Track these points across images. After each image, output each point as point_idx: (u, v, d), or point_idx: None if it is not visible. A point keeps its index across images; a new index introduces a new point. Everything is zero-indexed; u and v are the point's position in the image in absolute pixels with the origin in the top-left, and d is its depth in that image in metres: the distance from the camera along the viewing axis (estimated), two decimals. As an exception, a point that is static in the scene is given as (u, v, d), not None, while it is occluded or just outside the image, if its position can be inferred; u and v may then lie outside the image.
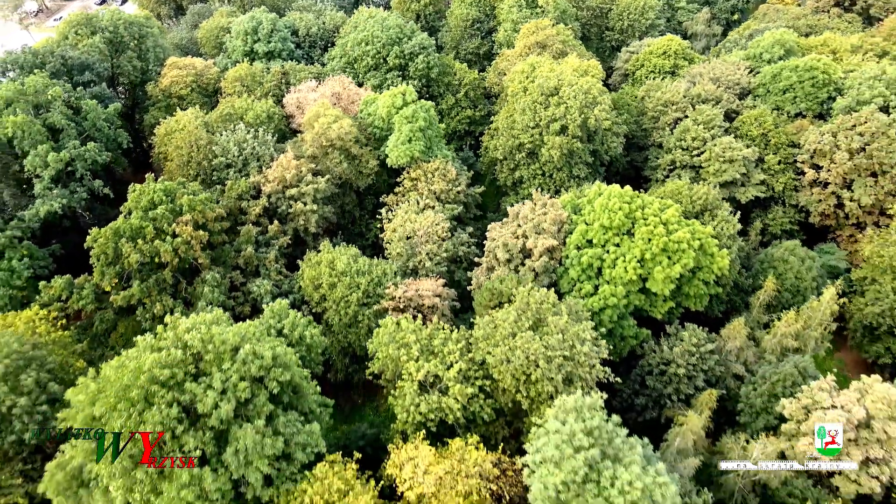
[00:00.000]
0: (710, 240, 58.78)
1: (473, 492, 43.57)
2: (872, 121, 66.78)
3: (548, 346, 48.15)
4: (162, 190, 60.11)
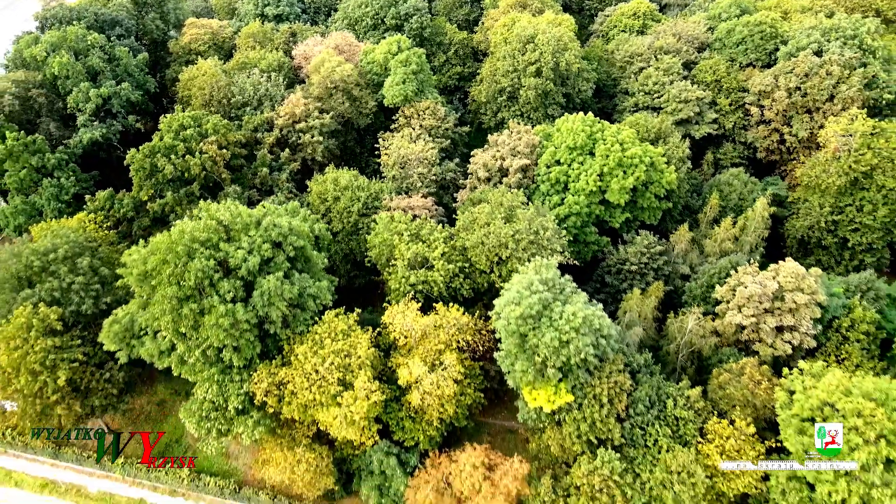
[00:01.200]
0: (659, 158, 68.66)
1: (452, 341, 53.47)
2: (805, 62, 76.56)
3: (516, 232, 58.07)
4: (190, 117, 70.02)
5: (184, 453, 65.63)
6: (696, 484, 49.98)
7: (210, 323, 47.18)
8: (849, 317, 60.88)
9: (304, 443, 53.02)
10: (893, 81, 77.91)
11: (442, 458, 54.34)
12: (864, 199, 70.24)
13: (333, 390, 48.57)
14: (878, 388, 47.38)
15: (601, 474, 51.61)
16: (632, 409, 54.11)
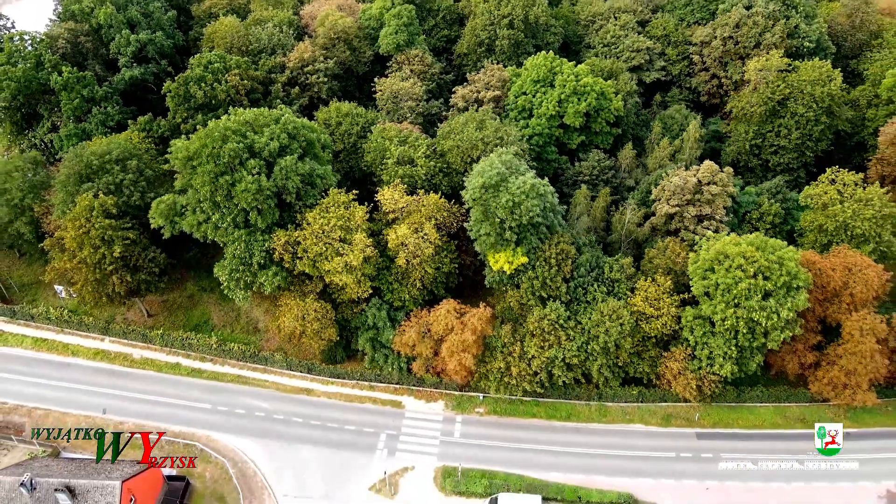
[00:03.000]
0: (608, 88, 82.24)
1: (430, 216, 66.86)
2: (736, 14, 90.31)
3: (485, 135, 71.62)
4: (216, 55, 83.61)
5: (210, 332, 78.86)
6: (623, 323, 63.22)
7: (240, 189, 60.46)
8: (758, 210, 74.33)
9: (312, 297, 66.29)
10: (813, 32, 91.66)
11: (423, 312, 67.66)
12: (781, 125, 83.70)
13: (336, 244, 61.96)
14: (758, 240, 60.89)
15: (549, 319, 64.97)
16: (575, 272, 67.46)
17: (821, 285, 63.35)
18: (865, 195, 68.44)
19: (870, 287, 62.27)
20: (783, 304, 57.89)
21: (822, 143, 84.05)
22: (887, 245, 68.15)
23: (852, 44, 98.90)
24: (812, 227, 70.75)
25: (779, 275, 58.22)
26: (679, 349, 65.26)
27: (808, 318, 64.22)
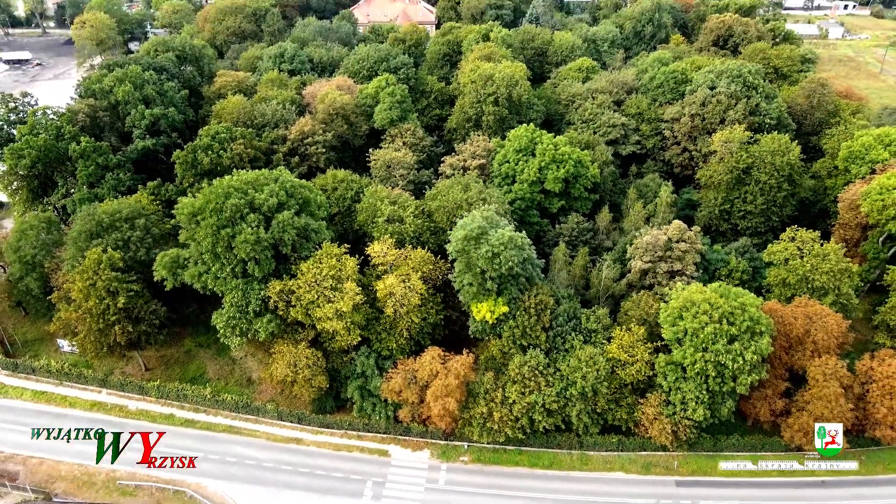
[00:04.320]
0: (585, 156, 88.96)
1: (417, 269, 71.40)
2: (702, 93, 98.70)
3: (469, 197, 77.38)
4: (223, 127, 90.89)
5: (204, 385, 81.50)
6: (600, 369, 66.46)
7: (240, 240, 65.19)
8: (727, 267, 79.11)
9: (304, 344, 69.71)
10: (773, 110, 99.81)
11: (409, 360, 70.83)
12: (747, 192, 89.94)
13: (328, 292, 66.11)
14: (721, 289, 65.32)
15: (530, 366, 68.22)
16: (554, 322, 71.27)
17: (784, 333, 67.04)
18: (823, 251, 73.45)
19: (831, 334, 65.98)
20: (748, 348, 61.37)
21: (786, 208, 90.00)
22: (847, 298, 72.50)
23: (812, 122, 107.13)
24: (777, 281, 75.27)
25: (742, 320, 62.10)
26: (654, 395, 68.04)
27: (776, 364, 67.47)
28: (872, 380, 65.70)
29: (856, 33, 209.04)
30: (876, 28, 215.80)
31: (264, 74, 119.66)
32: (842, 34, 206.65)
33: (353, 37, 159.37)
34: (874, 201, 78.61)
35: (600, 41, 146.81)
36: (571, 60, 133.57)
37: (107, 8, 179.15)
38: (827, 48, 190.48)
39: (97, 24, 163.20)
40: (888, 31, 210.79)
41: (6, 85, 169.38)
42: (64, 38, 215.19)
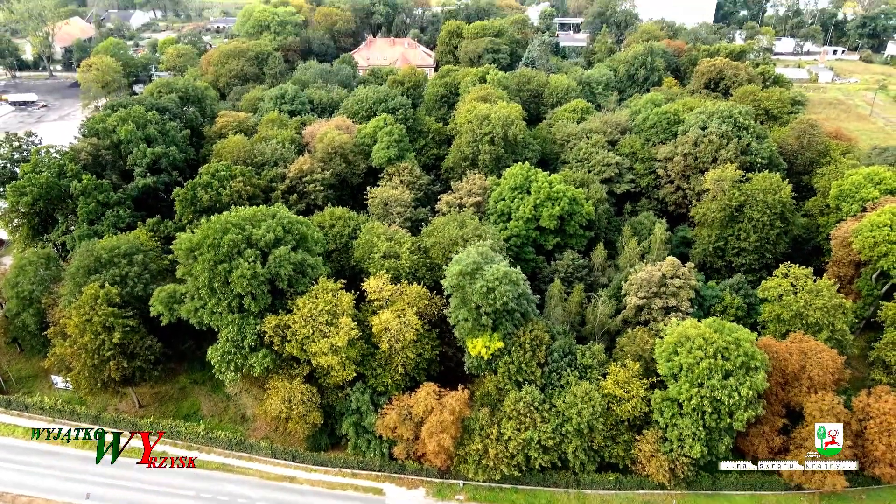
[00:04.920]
0: (579, 194, 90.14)
1: (412, 304, 71.70)
2: (694, 133, 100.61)
3: (465, 233, 78.18)
4: (223, 164, 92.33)
5: (198, 422, 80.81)
6: (595, 405, 66.14)
7: (237, 275, 65.66)
8: (722, 304, 79.42)
9: (299, 379, 69.44)
10: (764, 149, 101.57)
11: (404, 396, 70.49)
12: (740, 229, 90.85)
13: (323, 327, 66.24)
14: (715, 324, 65.53)
15: (525, 402, 67.89)
16: (550, 358, 71.19)
17: (780, 369, 66.98)
18: (816, 287, 73.90)
19: (826, 370, 65.90)
20: (743, 384, 61.26)
21: (779, 245, 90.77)
22: (841, 334, 72.66)
23: (803, 161, 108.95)
24: (771, 317, 75.51)
25: (736, 355, 62.15)
26: (651, 432, 67.52)
27: (772, 401, 67.19)
28: (870, 417, 65.29)
29: (845, 77, 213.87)
30: (865, 72, 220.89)
31: (265, 115, 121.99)
32: (831, 78, 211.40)
33: (353, 79, 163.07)
34: (865, 238, 79.49)
35: (595, 84, 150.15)
36: (566, 102, 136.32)
37: (113, 52, 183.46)
38: (817, 91, 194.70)
39: (103, 68, 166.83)
40: (877, 74, 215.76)
41: (12, 126, 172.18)
42: (70, 80, 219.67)
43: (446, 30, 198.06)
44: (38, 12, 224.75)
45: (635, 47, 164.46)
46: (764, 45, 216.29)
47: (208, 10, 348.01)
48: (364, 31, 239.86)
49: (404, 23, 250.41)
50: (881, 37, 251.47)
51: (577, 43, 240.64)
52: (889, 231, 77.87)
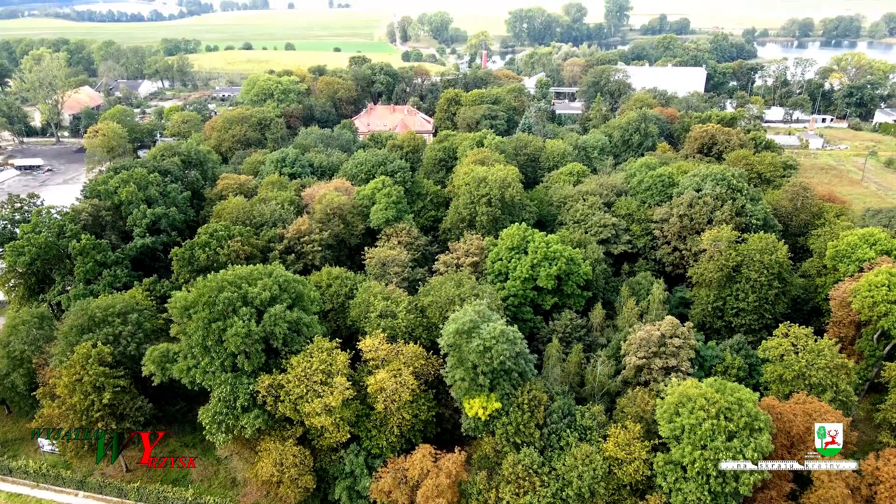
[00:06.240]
0: (577, 254, 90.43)
1: (409, 364, 70.68)
2: (688, 195, 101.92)
3: (462, 292, 77.91)
4: (222, 225, 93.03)
5: (187, 486, 78.17)
6: (596, 468, 64.15)
7: (231, 333, 65.00)
8: (722, 364, 78.38)
9: (291, 441, 67.58)
10: (759, 211, 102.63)
11: (400, 459, 68.45)
12: (738, 289, 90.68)
13: (317, 386, 65.01)
14: (717, 384, 64.38)
15: (524, 465, 65.89)
16: (548, 419, 69.55)
17: (785, 430, 65.25)
18: (817, 347, 73.05)
19: (832, 432, 64.16)
20: (747, 445, 59.52)
21: (778, 306, 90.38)
22: (845, 395, 71.29)
23: (797, 223, 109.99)
24: (773, 377, 74.28)
25: (739, 416, 60.64)
26: (654, 497, 65.10)
27: (778, 464, 65.11)
28: (879, 481, 63.10)
29: (835, 144, 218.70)
30: (854, 139, 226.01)
31: (265, 177, 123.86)
32: (822, 144, 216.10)
33: (353, 144, 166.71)
34: (864, 298, 79.17)
35: (590, 148, 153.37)
36: (563, 166, 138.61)
37: (119, 118, 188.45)
38: (808, 157, 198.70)
39: (109, 133, 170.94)
40: (866, 141, 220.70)
41: (16, 189, 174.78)
42: (77, 146, 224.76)
43: (445, 97, 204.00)
44: (49, 81, 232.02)
45: (629, 114, 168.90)
46: (754, 113, 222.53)
47: (214, 80, 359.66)
48: (365, 99, 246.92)
49: (404, 91, 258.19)
50: (868, 105, 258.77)
51: (573, 111, 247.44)
52: (887, 291, 77.68)
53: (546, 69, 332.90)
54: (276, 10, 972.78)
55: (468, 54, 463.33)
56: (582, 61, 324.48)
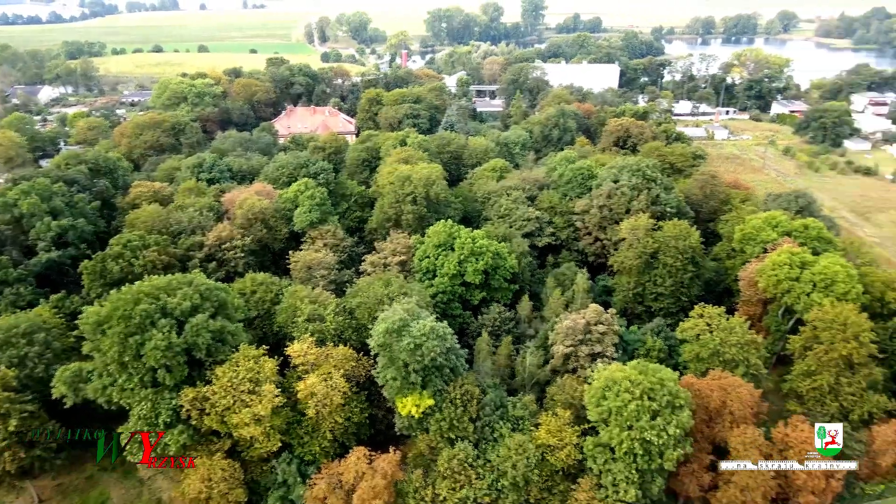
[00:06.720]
0: (502, 248, 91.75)
1: (339, 366, 69.75)
2: (607, 187, 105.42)
3: (390, 292, 77.56)
4: (136, 234, 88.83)
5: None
6: (529, 456, 65.37)
7: (150, 347, 62.15)
8: (644, 347, 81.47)
9: (219, 455, 65.36)
10: (672, 199, 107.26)
11: (334, 463, 67.48)
12: (656, 275, 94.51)
13: (245, 396, 63.14)
14: (640, 366, 66.94)
15: (459, 459, 66.35)
16: (481, 412, 70.30)
17: (703, 406, 68.68)
18: (729, 325, 77.23)
19: (745, 404, 68.09)
20: (670, 423, 62.23)
21: (693, 288, 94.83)
22: (756, 368, 75.73)
23: (707, 209, 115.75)
24: (691, 356, 77.98)
25: (662, 394, 63.36)
26: (586, 479, 67.04)
27: (699, 438, 68.41)
28: (789, 446, 67.44)
29: (738, 134, 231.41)
30: (755, 130, 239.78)
31: (182, 184, 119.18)
32: (726, 135, 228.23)
33: (274, 147, 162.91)
34: (769, 277, 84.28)
35: (512, 144, 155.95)
36: (485, 162, 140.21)
37: (17, 126, 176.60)
38: (715, 147, 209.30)
39: (6, 143, 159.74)
40: (766, 131, 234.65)
41: None
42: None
43: (366, 97, 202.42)
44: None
45: (548, 110, 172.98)
46: (664, 107, 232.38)
47: (123, 84, 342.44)
48: (284, 101, 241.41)
49: (324, 92, 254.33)
50: (766, 98, 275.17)
51: (494, 108, 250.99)
52: (789, 269, 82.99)
53: (466, 68, 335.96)
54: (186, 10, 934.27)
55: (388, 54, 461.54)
56: (501, 60, 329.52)
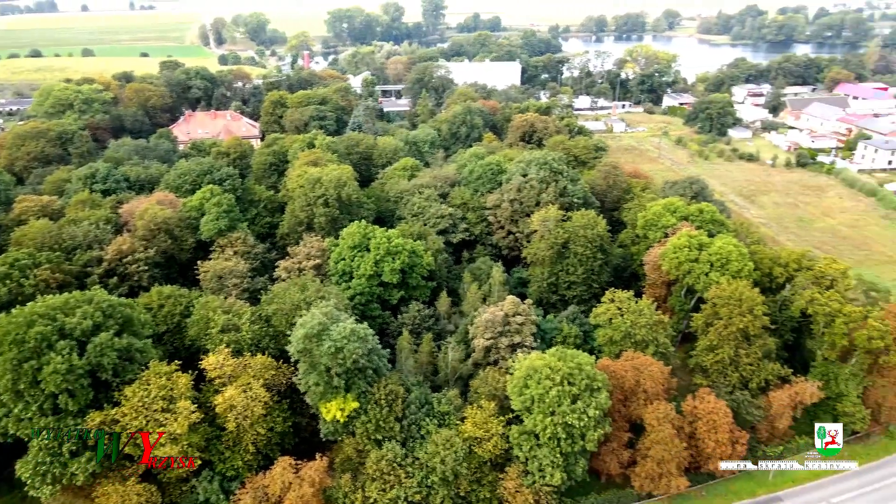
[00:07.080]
0: (419, 247, 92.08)
1: (259, 374, 67.74)
2: (516, 181, 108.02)
3: (307, 296, 76.06)
4: (24, 252, 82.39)
5: (12, 554, 68.63)
6: (457, 450, 66.02)
7: (48, 372, 57.90)
8: (561, 334, 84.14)
9: (133, 479, 61.86)
10: (578, 191, 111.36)
11: (258, 476, 65.47)
12: (568, 264, 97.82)
13: (158, 415, 60.07)
14: (558, 353, 69.11)
15: (387, 460, 66.07)
16: (407, 411, 70.31)
17: (619, 386, 71.87)
18: (638, 307, 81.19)
19: (657, 382, 71.87)
20: (589, 405, 64.65)
21: (602, 275, 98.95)
22: (664, 347, 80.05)
23: (611, 199, 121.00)
24: (605, 340, 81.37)
25: (580, 379, 65.69)
26: (513, 467, 68.52)
27: (617, 418, 71.55)
28: (698, 417, 71.79)
29: (634, 127, 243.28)
30: (650, 122, 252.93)
31: (73, 196, 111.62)
32: (624, 128, 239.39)
33: (174, 154, 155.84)
34: (671, 260, 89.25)
35: (421, 143, 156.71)
36: (395, 161, 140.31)
37: None
38: (614, 140, 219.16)
39: None
40: (659, 123, 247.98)
41: None
42: None
43: (270, 100, 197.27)
44: None
45: (454, 108, 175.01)
46: (565, 102, 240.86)
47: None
48: (182, 106, 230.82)
49: (224, 96, 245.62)
50: (657, 91, 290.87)
51: (400, 108, 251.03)
52: (689, 251, 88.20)
53: (370, 68, 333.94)
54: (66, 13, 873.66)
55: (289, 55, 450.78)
56: (405, 59, 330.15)
